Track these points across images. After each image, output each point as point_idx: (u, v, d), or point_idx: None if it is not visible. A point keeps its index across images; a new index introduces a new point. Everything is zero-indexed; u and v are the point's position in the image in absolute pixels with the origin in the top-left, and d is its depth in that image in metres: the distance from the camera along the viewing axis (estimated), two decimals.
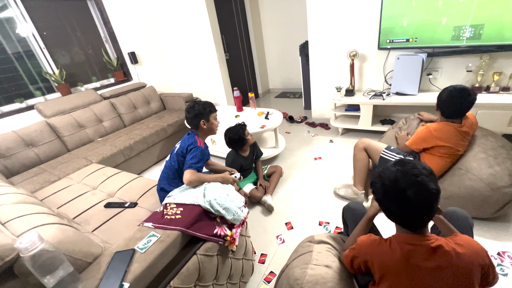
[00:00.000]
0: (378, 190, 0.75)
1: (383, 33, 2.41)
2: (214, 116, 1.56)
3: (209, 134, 1.60)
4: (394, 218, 0.76)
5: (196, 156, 1.37)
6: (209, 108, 1.52)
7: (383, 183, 0.73)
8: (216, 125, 1.58)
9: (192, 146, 1.41)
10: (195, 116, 1.48)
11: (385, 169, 0.76)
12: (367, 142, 1.76)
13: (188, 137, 1.50)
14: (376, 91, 2.66)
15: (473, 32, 1.94)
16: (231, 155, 2.01)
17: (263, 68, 4.99)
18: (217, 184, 1.25)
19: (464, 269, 0.69)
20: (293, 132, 3.22)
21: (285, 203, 1.97)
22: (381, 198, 0.75)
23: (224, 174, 1.43)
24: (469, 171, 1.51)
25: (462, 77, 2.30)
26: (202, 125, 1.50)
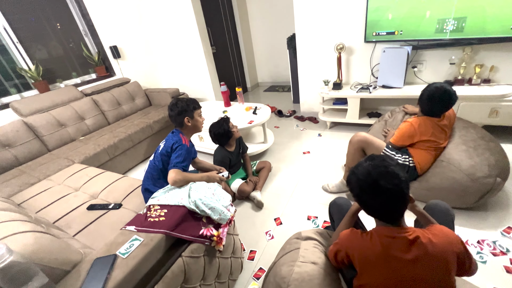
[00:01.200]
0: (354, 186, 0.78)
1: (369, 26, 2.40)
2: (199, 113, 1.52)
3: (194, 131, 1.57)
4: (372, 212, 0.78)
5: (181, 155, 1.33)
6: (193, 105, 1.48)
7: (358, 178, 0.76)
8: (201, 122, 1.55)
9: (177, 144, 1.37)
10: (178, 114, 1.44)
11: (357, 166, 0.79)
12: (367, 139, 1.70)
13: (173, 135, 1.46)
14: (363, 84, 2.67)
15: (456, 25, 1.97)
16: (220, 151, 1.99)
17: (251, 61, 4.92)
18: (203, 183, 1.23)
19: (440, 258, 0.71)
20: (282, 126, 3.21)
21: (274, 198, 1.97)
22: (358, 193, 0.78)
23: (211, 173, 1.40)
24: (450, 163, 1.55)
25: (445, 70, 2.34)
26: (186, 123, 1.46)
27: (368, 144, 1.68)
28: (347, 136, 2.67)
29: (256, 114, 2.46)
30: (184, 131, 1.49)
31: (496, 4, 1.82)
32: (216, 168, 1.68)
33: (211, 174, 1.40)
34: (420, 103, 1.58)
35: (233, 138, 1.99)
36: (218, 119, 1.98)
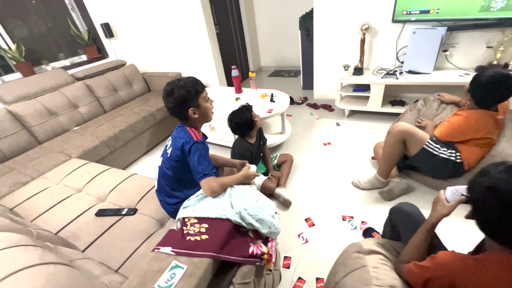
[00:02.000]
0: (490, 205, 0.58)
1: (400, 3, 2.16)
2: (205, 96, 1.12)
3: (204, 122, 1.20)
4: (504, 235, 0.60)
5: (203, 157, 1.03)
6: (195, 87, 1.07)
7: (502, 197, 0.57)
8: (210, 109, 1.16)
9: (189, 144, 1.04)
10: (179, 106, 1.06)
11: (498, 180, 0.58)
12: (409, 130, 1.51)
13: (178, 131, 1.12)
14: (386, 69, 2.47)
15: (506, 2, 1.76)
16: (240, 143, 1.77)
17: (254, 44, 4.59)
18: (242, 188, 1.03)
19: None
20: (294, 114, 3.00)
21: (300, 196, 1.80)
22: (494, 212, 0.59)
23: (244, 171, 1.16)
24: (505, 158, 1.40)
25: (480, 54, 2.17)
26: (192, 115, 1.08)
27: (411, 136, 1.50)
28: (369, 126, 2.51)
29: (274, 102, 2.23)
30: (192, 125, 1.14)
31: None
32: (236, 164, 1.45)
33: (246, 172, 1.15)
34: (473, 93, 1.39)
35: (255, 129, 1.78)
36: (240, 107, 1.75)
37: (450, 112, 1.78)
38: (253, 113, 1.74)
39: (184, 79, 1.08)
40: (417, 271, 0.75)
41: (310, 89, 3.52)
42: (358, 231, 1.47)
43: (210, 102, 1.16)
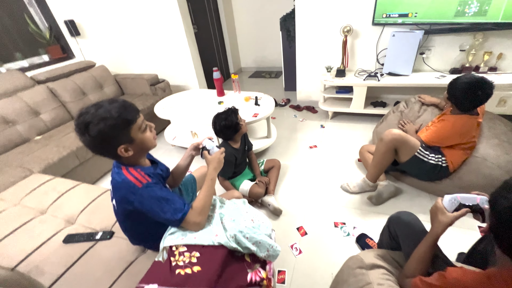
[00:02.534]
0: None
1: (380, 6, 2.19)
2: (140, 125, 0.81)
3: (146, 152, 0.90)
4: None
5: (164, 200, 0.80)
6: (123, 117, 0.76)
7: None
8: (150, 139, 0.85)
9: (135, 195, 0.79)
10: (100, 146, 0.77)
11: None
12: (402, 138, 1.48)
13: (115, 176, 0.83)
14: (367, 71, 2.51)
15: (478, 7, 1.84)
16: (225, 147, 1.67)
17: (234, 44, 4.48)
18: (235, 206, 0.93)
19: None
20: (278, 117, 2.95)
21: (290, 203, 1.75)
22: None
23: (210, 161, 0.96)
24: (486, 158, 1.45)
25: (454, 57, 2.26)
26: (123, 154, 0.79)
27: (403, 143, 1.49)
28: (352, 128, 2.53)
29: (259, 105, 2.16)
30: (128, 162, 0.84)
31: None
32: (193, 148, 1.08)
33: (211, 161, 0.95)
34: (455, 98, 1.41)
35: (240, 133, 1.69)
36: (225, 109, 1.65)
37: (431, 114, 1.83)
38: (239, 116, 1.65)
39: (106, 105, 0.74)
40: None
41: (292, 90, 3.50)
42: (351, 238, 1.45)
43: (149, 129, 0.86)
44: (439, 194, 1.61)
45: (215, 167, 0.94)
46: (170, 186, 1.12)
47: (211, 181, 0.91)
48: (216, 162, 0.94)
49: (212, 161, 0.95)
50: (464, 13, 1.90)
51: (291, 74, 3.30)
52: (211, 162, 0.95)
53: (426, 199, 1.63)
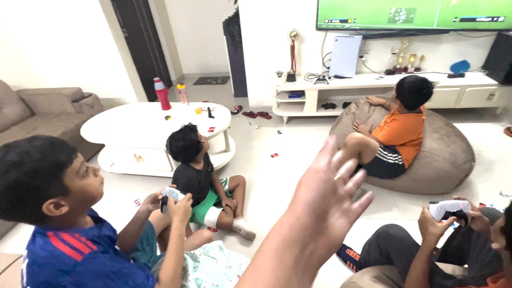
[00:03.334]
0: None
1: (322, 12, 2.25)
2: (77, 169, 0.57)
3: (86, 207, 0.64)
4: None
5: (118, 276, 0.57)
6: (52, 157, 0.53)
7: None
8: (94, 187, 0.61)
9: (69, 276, 0.52)
10: (11, 202, 0.49)
11: None
12: (364, 141, 1.50)
13: (42, 249, 0.54)
14: (315, 75, 2.56)
15: (406, 15, 2.04)
16: (185, 171, 1.42)
17: (172, 49, 4.11)
18: (211, 261, 0.73)
19: None
20: (232, 126, 2.78)
21: (262, 222, 1.60)
22: None
23: (177, 211, 0.74)
24: (433, 152, 1.58)
25: (387, 59, 2.49)
26: (52, 212, 0.53)
27: (366, 146, 1.52)
28: (309, 131, 2.55)
29: (213, 117, 1.95)
30: (61, 226, 0.58)
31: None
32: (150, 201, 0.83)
33: (177, 212, 0.73)
34: (402, 98, 1.50)
35: (202, 152, 1.46)
36: (182, 127, 1.41)
37: (379, 113, 1.94)
38: (198, 133, 1.42)
39: (21, 144, 0.51)
40: None
41: (243, 96, 3.38)
42: None
43: (92, 173, 0.62)
44: (399, 189, 1.71)
45: (182, 218, 0.72)
46: None
47: (179, 238, 0.68)
48: (182, 212, 0.72)
49: (177, 211, 0.72)
50: (395, 20, 2.10)
51: (240, 79, 3.17)
52: (176, 213, 0.72)
53: (388, 196, 1.71)
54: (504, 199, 1.61)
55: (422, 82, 1.42)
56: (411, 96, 1.46)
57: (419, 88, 1.42)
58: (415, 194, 1.68)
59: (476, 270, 0.87)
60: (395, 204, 1.64)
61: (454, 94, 2.29)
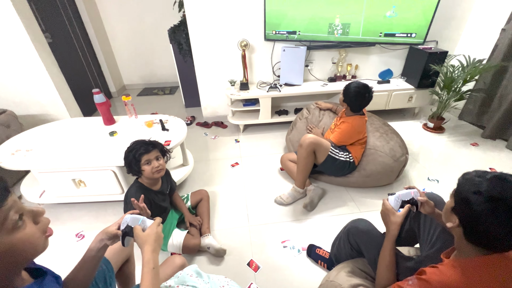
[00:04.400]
0: (491, 213, 0.58)
1: (269, 24, 2.35)
2: (4, 219, 0.41)
3: (21, 266, 0.48)
4: (487, 240, 0.63)
5: None
6: None
7: (508, 205, 0.57)
8: (33, 239, 0.46)
9: None
10: None
11: (506, 190, 0.58)
12: (317, 141, 1.61)
13: None
14: (267, 83, 2.65)
15: (342, 29, 2.30)
16: (133, 191, 1.26)
17: (110, 58, 3.71)
18: None
19: None
20: (187, 137, 2.62)
21: (230, 236, 1.54)
22: (491, 223, 0.59)
23: (148, 239, 0.63)
24: (377, 149, 1.79)
25: (329, 68, 2.75)
26: None
27: (319, 146, 1.63)
28: (265, 138, 2.60)
29: (168, 130, 1.81)
30: None
31: (369, 14, 2.27)
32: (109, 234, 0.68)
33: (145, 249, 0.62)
34: (349, 102, 1.68)
35: (151, 173, 1.32)
36: (138, 142, 1.25)
37: (329, 117, 2.11)
38: (144, 157, 1.26)
39: None
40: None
41: (194, 106, 3.27)
42: (302, 254, 1.42)
43: (34, 219, 0.47)
44: (353, 185, 1.87)
45: (154, 248, 0.62)
46: None
47: (154, 272, 0.58)
48: (154, 240, 0.62)
49: (147, 240, 0.62)
50: (334, 33, 2.34)
51: (191, 89, 3.06)
52: (146, 243, 0.62)
53: (344, 192, 1.85)
54: (432, 183, 1.92)
55: (365, 87, 1.61)
56: (356, 100, 1.63)
57: (363, 93, 1.60)
58: (367, 188, 1.87)
59: (427, 248, 0.99)
60: (352, 199, 1.79)
61: (384, 97, 2.66)
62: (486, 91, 2.42)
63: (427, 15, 2.27)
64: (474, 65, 2.22)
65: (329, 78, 2.75)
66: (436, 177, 1.97)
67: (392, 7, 2.24)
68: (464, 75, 2.24)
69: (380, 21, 2.31)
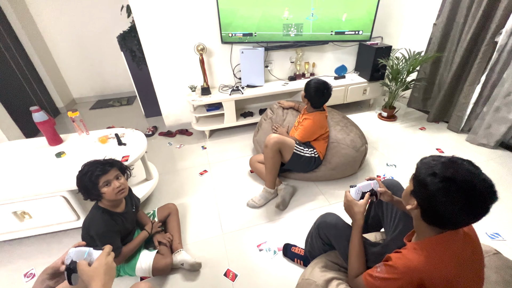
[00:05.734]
0: (444, 192, 0.62)
1: (224, 27, 2.33)
2: None
3: None
4: (441, 220, 0.68)
5: None
6: None
7: (459, 185, 0.61)
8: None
9: None
10: None
11: (458, 171, 0.63)
12: (281, 140, 1.63)
13: None
14: (229, 86, 2.62)
15: (297, 30, 2.37)
16: (99, 218, 1.14)
17: (53, 70, 3.36)
18: None
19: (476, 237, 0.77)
20: (150, 149, 2.50)
21: (204, 248, 1.48)
22: (445, 201, 0.63)
23: (97, 272, 0.57)
24: (339, 142, 1.87)
25: (288, 67, 2.81)
26: None
27: (284, 144, 1.65)
28: (232, 141, 2.57)
29: (125, 144, 1.68)
30: None
31: (321, 13, 2.36)
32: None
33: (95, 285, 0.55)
34: (309, 99, 1.73)
35: (113, 196, 1.21)
36: (93, 161, 1.12)
37: (292, 115, 2.15)
38: (102, 178, 1.15)
39: None
40: (383, 284, 0.75)
41: (155, 115, 3.11)
42: (279, 254, 1.41)
43: None
44: (321, 179, 1.92)
45: (105, 282, 0.55)
46: None
47: None
48: (103, 273, 0.55)
49: (96, 275, 0.55)
50: (289, 34, 2.40)
51: (150, 98, 2.90)
52: (95, 278, 0.55)
53: (313, 187, 1.90)
54: (391, 168, 2.07)
55: (324, 84, 1.67)
56: (316, 96, 1.68)
57: (322, 89, 1.66)
58: (334, 180, 1.94)
59: (391, 232, 1.05)
60: (321, 192, 1.85)
61: (341, 92, 2.80)
62: (427, 79, 2.69)
63: (370, 14, 2.44)
64: (414, 57, 2.45)
65: (289, 77, 2.82)
66: (393, 162, 2.13)
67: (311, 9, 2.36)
68: (407, 66, 2.45)
69: (330, 19, 2.43)
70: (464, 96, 2.35)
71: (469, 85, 2.29)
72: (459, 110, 2.42)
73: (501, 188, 1.92)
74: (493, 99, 2.14)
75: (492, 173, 1.95)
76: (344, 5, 2.37)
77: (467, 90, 2.32)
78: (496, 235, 1.45)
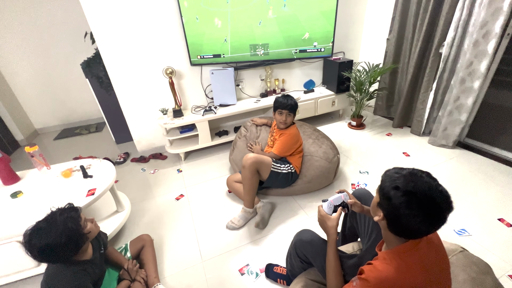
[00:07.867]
0: (406, 206, 0.65)
1: (192, 50, 2.36)
2: None
3: None
4: (405, 231, 0.71)
5: None
6: None
7: (419, 198, 0.64)
8: None
9: None
10: None
11: (416, 183, 0.66)
12: (258, 159, 1.62)
13: None
14: (201, 107, 2.62)
15: (263, 50, 2.46)
16: (65, 274, 1.02)
17: (10, 100, 3.14)
18: None
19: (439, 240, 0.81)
20: (121, 178, 2.37)
21: (184, 279, 1.40)
22: (408, 214, 0.65)
23: None
24: (313, 155, 1.92)
25: (259, 85, 2.88)
26: None
27: (261, 164, 1.65)
28: (209, 162, 2.53)
29: (91, 176, 1.59)
30: None
31: (284, 35, 2.49)
32: None
33: None
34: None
35: (89, 241, 1.12)
36: (48, 215, 1.02)
37: (266, 132, 2.19)
38: (81, 216, 1.06)
39: None
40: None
41: (127, 141, 2.99)
42: (261, 276, 1.38)
43: None
44: (298, 193, 1.94)
45: None
46: None
47: None
48: None
49: None
50: (257, 54, 2.48)
51: (120, 123, 2.80)
52: None
53: (292, 201, 1.91)
54: (363, 175, 2.15)
55: (286, 96, 1.74)
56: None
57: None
58: (311, 192, 1.96)
59: (366, 241, 1.08)
60: (300, 206, 1.86)
61: (311, 105, 2.92)
62: (387, 89, 2.90)
63: (329, 32, 2.61)
64: (374, 69, 2.64)
65: (261, 94, 2.88)
66: (366, 169, 2.21)
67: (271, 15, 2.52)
68: (369, 78, 2.63)
69: (294, 39, 2.56)
70: (420, 102, 2.56)
71: (424, 92, 2.51)
72: (418, 115, 2.62)
73: (461, 185, 2.07)
74: (446, 103, 2.34)
75: (454, 171, 2.11)
76: (305, 26, 2.52)
77: (422, 97, 2.53)
78: (463, 231, 1.54)
